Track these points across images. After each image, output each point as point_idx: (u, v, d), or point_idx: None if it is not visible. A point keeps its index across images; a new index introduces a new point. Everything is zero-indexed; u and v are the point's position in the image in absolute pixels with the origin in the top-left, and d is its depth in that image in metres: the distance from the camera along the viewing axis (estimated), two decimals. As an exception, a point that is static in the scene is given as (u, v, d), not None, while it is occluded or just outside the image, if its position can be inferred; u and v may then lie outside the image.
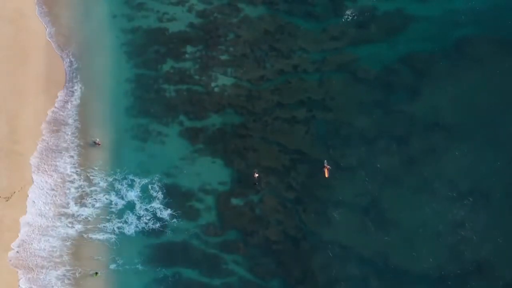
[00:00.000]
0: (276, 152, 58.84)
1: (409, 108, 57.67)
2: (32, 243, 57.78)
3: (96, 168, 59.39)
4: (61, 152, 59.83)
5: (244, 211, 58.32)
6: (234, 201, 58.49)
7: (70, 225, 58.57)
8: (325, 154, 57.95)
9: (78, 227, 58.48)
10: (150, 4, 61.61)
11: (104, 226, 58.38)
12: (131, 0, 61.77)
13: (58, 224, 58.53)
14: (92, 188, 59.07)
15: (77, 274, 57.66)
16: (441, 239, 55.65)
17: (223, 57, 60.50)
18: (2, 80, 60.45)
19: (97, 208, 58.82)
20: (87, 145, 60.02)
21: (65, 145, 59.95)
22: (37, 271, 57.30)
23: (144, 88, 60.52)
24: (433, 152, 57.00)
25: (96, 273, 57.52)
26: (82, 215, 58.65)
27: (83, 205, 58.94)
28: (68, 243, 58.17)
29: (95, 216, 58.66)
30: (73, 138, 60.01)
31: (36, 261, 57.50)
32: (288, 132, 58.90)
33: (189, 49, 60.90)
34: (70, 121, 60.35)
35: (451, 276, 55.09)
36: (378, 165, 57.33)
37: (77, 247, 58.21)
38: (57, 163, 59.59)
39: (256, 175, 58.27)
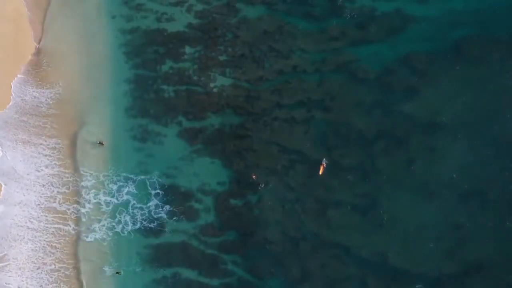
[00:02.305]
0: (276, 152, 58.81)
1: (408, 108, 57.31)
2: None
3: (93, 168, 59.84)
4: (56, 150, 60.30)
5: (243, 212, 58.45)
6: (233, 201, 58.63)
7: (62, 222, 58.88)
8: (325, 155, 57.86)
9: (72, 225, 58.86)
10: (149, 4, 61.59)
11: (100, 226, 58.78)
12: (130, 1, 61.87)
13: (45, 219, 58.96)
14: (88, 188, 59.42)
15: (77, 275, 58.13)
16: (441, 240, 55.44)
17: (222, 58, 60.43)
18: (2, 80, 60.58)
19: (92, 207, 59.23)
20: (87, 145, 60.43)
21: (61, 143, 60.42)
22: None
23: (143, 88, 60.68)
24: (432, 152, 56.67)
25: (118, 272, 57.89)
26: (75, 213, 58.91)
27: (76, 203, 59.26)
28: (61, 240, 58.55)
29: (90, 215, 59.11)
30: (70, 138, 60.31)
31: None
32: (287, 133, 58.83)
33: (188, 49, 60.88)
34: (67, 121, 60.67)
35: (451, 277, 54.95)
36: (378, 165, 57.15)
37: (70, 246, 58.71)
38: (52, 161, 60.11)
39: (254, 176, 58.31)
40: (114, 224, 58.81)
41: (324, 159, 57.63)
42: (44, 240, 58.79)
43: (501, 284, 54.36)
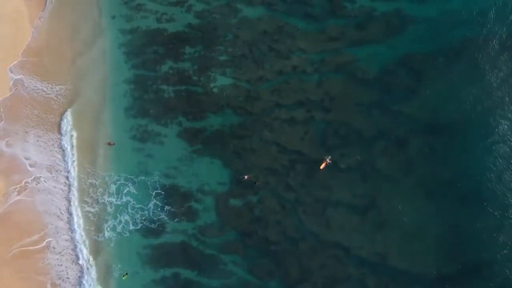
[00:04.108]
0: (275, 152, 58.82)
1: (407, 109, 57.53)
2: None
3: (93, 168, 59.78)
4: (58, 152, 60.25)
5: (243, 212, 58.39)
6: (233, 201, 58.57)
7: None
8: (324, 155, 57.92)
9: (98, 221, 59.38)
10: (149, 5, 61.76)
11: (107, 226, 58.77)
12: (130, 1, 61.91)
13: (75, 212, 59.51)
14: (96, 186, 59.54)
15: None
16: (440, 239, 55.51)
17: (222, 58, 60.53)
18: (2, 80, 60.54)
19: (101, 207, 59.28)
20: (87, 146, 60.41)
21: (62, 145, 60.37)
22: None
23: (143, 88, 60.73)
24: (431, 152, 56.83)
25: (125, 274, 57.87)
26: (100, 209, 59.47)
27: (85, 203, 59.49)
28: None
29: (91, 216, 59.11)
30: (71, 139, 60.35)
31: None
32: (287, 133, 58.87)
33: (187, 49, 60.98)
34: (69, 122, 60.67)
35: (450, 277, 55.00)
36: (377, 166, 57.22)
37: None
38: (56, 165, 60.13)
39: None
40: (115, 224, 58.79)
41: (330, 156, 57.53)
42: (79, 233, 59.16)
43: (501, 284, 54.36)
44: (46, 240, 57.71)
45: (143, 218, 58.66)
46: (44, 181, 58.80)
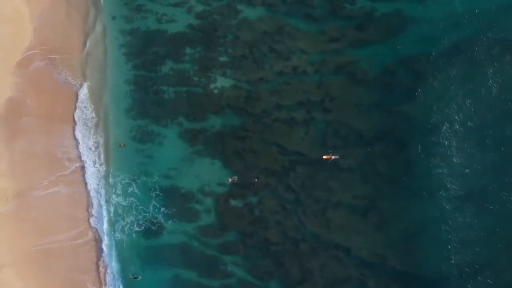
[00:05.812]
0: (275, 153, 58.86)
1: (408, 109, 57.48)
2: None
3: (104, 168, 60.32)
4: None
5: (243, 213, 58.50)
6: (233, 202, 58.67)
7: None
8: (325, 154, 58.02)
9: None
10: (149, 5, 61.54)
11: (117, 226, 59.07)
12: (131, 2, 61.78)
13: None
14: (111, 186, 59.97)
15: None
16: (440, 240, 55.62)
17: (222, 59, 60.39)
18: (2, 81, 60.48)
19: (114, 207, 59.69)
20: (87, 146, 60.46)
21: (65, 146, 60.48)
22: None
23: (143, 89, 60.61)
24: (432, 153, 56.87)
25: (135, 277, 57.95)
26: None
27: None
28: None
29: (110, 214, 59.69)
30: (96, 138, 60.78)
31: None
32: (287, 133, 58.88)
33: (188, 50, 60.81)
34: (69, 123, 60.77)
35: (450, 277, 55.13)
36: (377, 166, 57.29)
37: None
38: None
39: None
40: (123, 225, 59.04)
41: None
42: None
43: (501, 284, 54.49)
44: (88, 233, 58.82)
45: (144, 220, 58.82)
46: (85, 175, 59.60)
